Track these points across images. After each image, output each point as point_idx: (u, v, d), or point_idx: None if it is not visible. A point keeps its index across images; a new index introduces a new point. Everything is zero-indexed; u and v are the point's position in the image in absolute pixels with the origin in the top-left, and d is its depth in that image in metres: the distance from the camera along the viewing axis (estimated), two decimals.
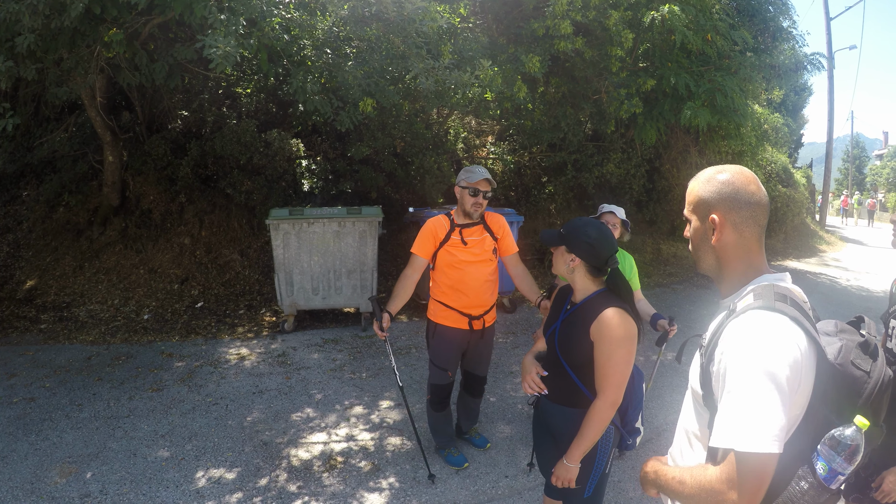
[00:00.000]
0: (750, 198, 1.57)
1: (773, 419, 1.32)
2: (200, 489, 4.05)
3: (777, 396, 1.33)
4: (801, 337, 1.40)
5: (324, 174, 9.00)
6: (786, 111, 20.06)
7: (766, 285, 1.53)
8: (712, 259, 1.66)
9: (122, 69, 6.47)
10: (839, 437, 1.35)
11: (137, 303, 7.82)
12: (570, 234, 2.53)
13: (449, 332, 4.11)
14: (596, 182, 11.10)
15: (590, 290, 2.54)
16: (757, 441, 1.31)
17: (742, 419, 1.35)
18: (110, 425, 4.87)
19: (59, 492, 3.98)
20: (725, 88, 8.39)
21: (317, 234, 7.02)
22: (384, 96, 6.25)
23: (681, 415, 1.79)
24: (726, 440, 1.37)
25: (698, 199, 1.66)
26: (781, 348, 1.36)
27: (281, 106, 9.49)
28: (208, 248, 8.71)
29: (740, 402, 1.36)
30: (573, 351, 2.48)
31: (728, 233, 1.59)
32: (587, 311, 2.47)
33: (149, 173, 8.94)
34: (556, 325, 2.61)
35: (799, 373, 1.36)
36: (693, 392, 1.67)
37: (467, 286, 4.02)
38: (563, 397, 2.58)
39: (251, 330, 7.32)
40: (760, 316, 1.43)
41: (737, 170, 1.63)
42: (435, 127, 10.14)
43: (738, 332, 1.44)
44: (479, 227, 4.04)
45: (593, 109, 9.79)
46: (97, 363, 6.20)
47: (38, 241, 8.81)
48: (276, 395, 5.53)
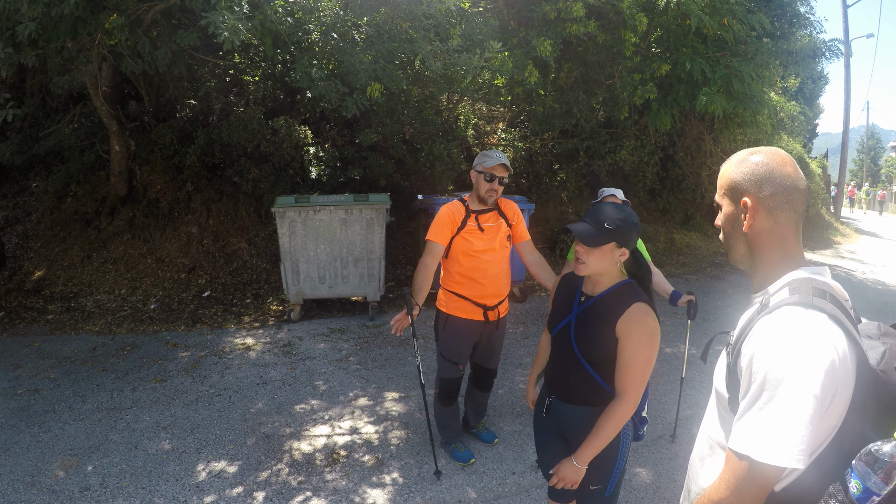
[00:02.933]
0: (786, 180, 1.42)
1: (801, 431, 1.19)
2: (200, 483, 3.96)
3: (810, 405, 1.20)
4: (841, 338, 1.26)
5: (332, 161, 8.87)
6: (803, 99, 19.63)
7: (803, 278, 1.38)
8: (744, 248, 1.51)
9: (125, 57, 6.35)
10: (877, 453, 1.20)
11: (144, 292, 7.76)
12: (622, 227, 2.24)
13: (462, 323, 3.94)
14: (609, 169, 10.90)
15: (614, 281, 2.37)
16: (779, 454, 1.20)
17: (767, 426, 1.23)
18: (112, 417, 4.80)
19: (59, 485, 3.91)
20: (742, 74, 8.14)
21: (323, 222, 6.91)
22: (392, 81, 6.09)
23: (704, 420, 1.65)
24: (745, 445, 1.25)
25: (730, 182, 1.51)
26: (818, 350, 1.22)
27: (289, 93, 9.36)
28: (216, 236, 8.63)
29: (768, 407, 1.24)
30: (594, 347, 2.31)
31: (762, 218, 1.44)
32: (611, 304, 2.30)
33: (156, 162, 8.87)
34: (569, 320, 2.42)
35: (836, 378, 1.22)
36: (718, 395, 1.54)
37: (483, 274, 3.85)
38: (582, 397, 2.41)
39: (257, 319, 7.23)
40: (796, 313, 1.30)
41: (771, 150, 1.48)
42: (445, 113, 9.97)
43: (770, 330, 1.30)
44: (494, 213, 3.90)
45: (606, 95, 9.58)
46: (102, 354, 6.13)
47: (47, 231, 8.77)
48: (281, 386, 5.43)
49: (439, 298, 4.05)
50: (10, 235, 8.82)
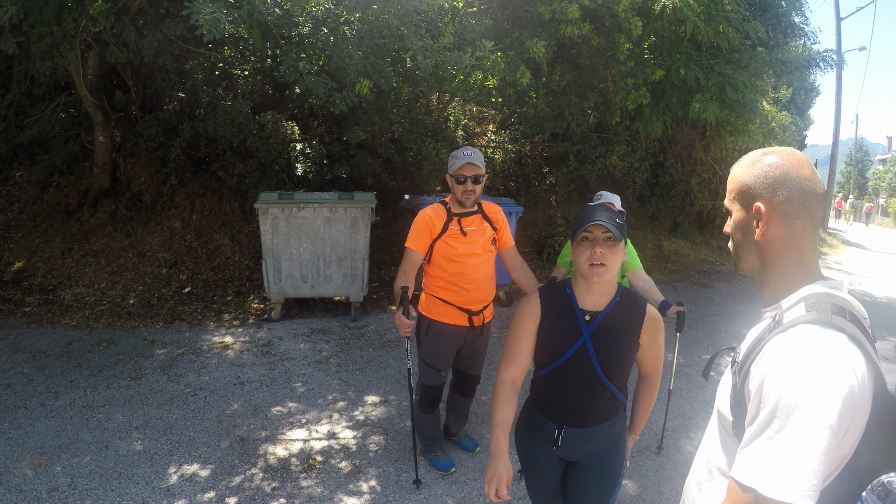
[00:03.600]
0: (802, 183, 1.28)
1: (814, 465, 1.06)
2: (171, 486, 3.84)
3: (825, 436, 1.07)
4: (861, 361, 1.14)
5: (319, 158, 8.74)
6: (795, 110, 19.69)
7: (821, 293, 1.25)
8: (755, 258, 1.37)
9: (110, 45, 6.20)
10: (889, 486, 1.10)
11: (124, 287, 7.61)
12: (623, 223, 2.16)
13: (446, 328, 3.81)
14: (598, 174, 10.86)
15: (614, 289, 2.26)
16: (789, 490, 1.06)
17: (777, 458, 1.09)
18: (84, 415, 4.66)
19: (27, 484, 3.77)
20: (736, 82, 8.10)
21: (307, 220, 6.78)
22: (382, 78, 5.97)
23: (703, 442, 1.53)
24: (751, 477, 1.12)
25: (741, 186, 1.36)
26: (836, 375, 1.09)
27: (277, 88, 9.23)
28: (199, 232, 8.48)
29: (778, 436, 1.10)
30: (621, 366, 2.23)
31: (776, 226, 1.30)
32: (624, 316, 2.22)
33: (140, 154, 8.71)
34: (582, 341, 2.19)
35: (854, 406, 1.10)
36: (720, 417, 1.40)
37: (468, 280, 3.71)
38: (601, 416, 2.30)
39: (237, 317, 7.10)
40: (814, 332, 1.17)
41: (787, 150, 1.34)
42: (435, 113, 9.89)
43: (784, 351, 1.17)
44: (478, 217, 3.74)
45: (598, 99, 9.53)
46: (78, 349, 5.98)
47: (29, 222, 8.59)
48: (258, 387, 5.30)
49: (422, 303, 3.92)
50: None
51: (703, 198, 12.95)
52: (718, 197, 13.38)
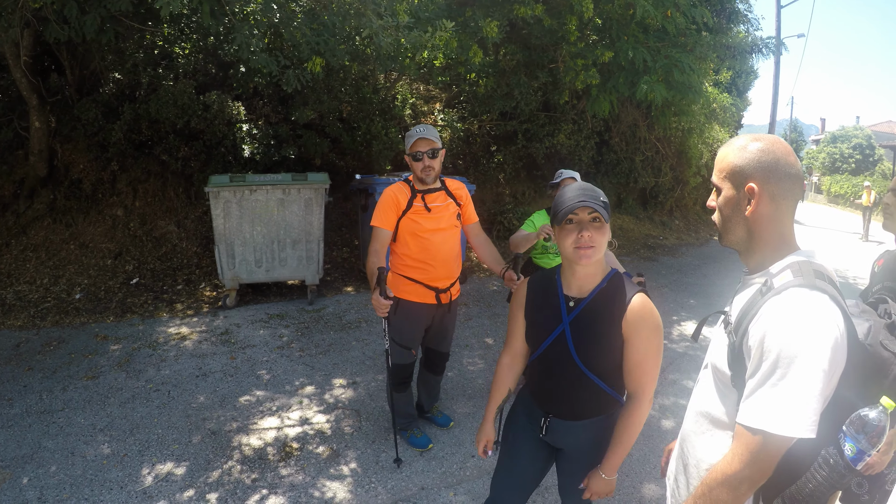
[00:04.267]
0: (789, 169, 1.46)
1: (813, 403, 1.29)
2: (147, 489, 3.71)
3: (820, 380, 1.29)
4: (840, 317, 1.35)
5: (266, 139, 8.44)
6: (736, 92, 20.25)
7: (803, 261, 1.45)
8: (743, 231, 1.55)
9: (50, 22, 5.74)
10: (865, 418, 1.32)
11: (68, 281, 7.22)
12: (607, 202, 2.04)
13: (414, 307, 3.81)
14: (546, 152, 10.96)
15: (602, 273, 2.12)
16: (795, 426, 1.29)
17: (782, 401, 1.31)
18: (44, 421, 4.42)
19: None
20: (682, 65, 8.27)
21: (260, 203, 6.57)
22: (334, 56, 5.78)
23: (695, 397, 1.72)
24: (759, 420, 1.34)
25: (733, 167, 1.52)
26: (825, 329, 1.31)
27: (221, 67, 8.80)
28: (143, 219, 8.11)
29: (782, 383, 1.32)
30: (600, 357, 2.06)
31: (765, 204, 1.48)
32: (607, 302, 2.06)
33: (78, 140, 8.17)
34: (561, 329, 2.11)
35: (838, 354, 1.32)
36: (716, 372, 1.59)
37: (433, 257, 3.71)
38: (588, 410, 2.18)
39: (191, 307, 6.87)
40: (802, 294, 1.37)
41: (773, 139, 1.51)
42: (382, 92, 9.68)
43: (780, 311, 1.37)
44: (442, 193, 3.75)
45: (548, 79, 9.62)
46: (27, 350, 5.66)
47: None
48: (222, 378, 5.17)
49: (389, 282, 3.88)
50: None
51: (646, 175, 13.26)
52: (661, 174, 13.72)
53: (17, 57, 6.95)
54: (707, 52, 9.53)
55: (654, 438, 4.42)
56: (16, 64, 6.99)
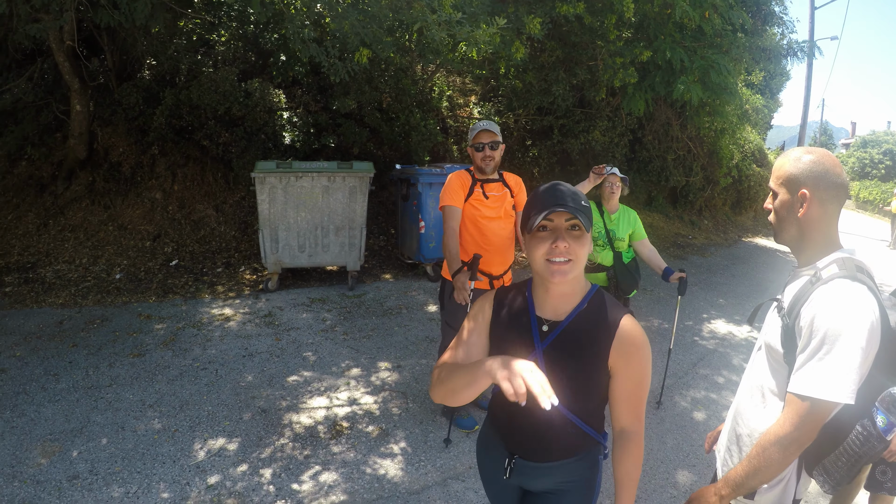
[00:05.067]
0: (836, 178, 1.65)
1: (853, 375, 1.49)
2: (200, 463, 3.62)
3: (859, 355, 1.49)
4: (876, 305, 1.56)
5: (305, 127, 8.37)
6: (769, 93, 19.96)
7: (847, 258, 1.66)
8: (795, 230, 1.74)
9: (101, 6, 5.68)
10: (894, 395, 1.57)
11: (107, 261, 7.17)
12: (588, 206, 1.67)
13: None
14: (581, 148, 10.87)
15: (583, 291, 1.74)
16: (838, 392, 1.49)
17: (827, 372, 1.51)
18: (91, 396, 4.34)
19: (43, 474, 3.46)
20: (719, 66, 8.21)
21: (305, 189, 6.51)
22: (381, 47, 5.72)
23: (749, 374, 1.92)
24: (808, 388, 1.53)
25: (789, 175, 1.72)
26: (864, 313, 1.52)
27: (261, 55, 8.75)
28: (181, 203, 8.05)
29: (828, 357, 1.51)
30: (582, 392, 1.69)
31: (815, 207, 1.67)
32: (591, 327, 1.68)
33: (118, 124, 8.14)
34: (533, 359, 1.67)
35: (875, 335, 1.52)
36: (770, 350, 1.78)
37: (490, 242, 3.81)
38: (561, 452, 1.79)
39: (231, 289, 6.79)
40: (847, 285, 1.58)
41: (823, 152, 1.71)
42: (420, 84, 9.59)
43: (828, 297, 1.57)
44: (499, 184, 3.90)
45: (586, 76, 9.56)
46: (70, 328, 5.59)
47: None
48: (268, 358, 5.08)
49: (445, 267, 3.90)
50: None
51: (677, 174, 13.06)
52: (692, 173, 13.51)
53: (61, 41, 6.91)
54: (742, 53, 9.45)
55: (687, 429, 4.42)
56: (59, 48, 6.94)
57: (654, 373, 5.10)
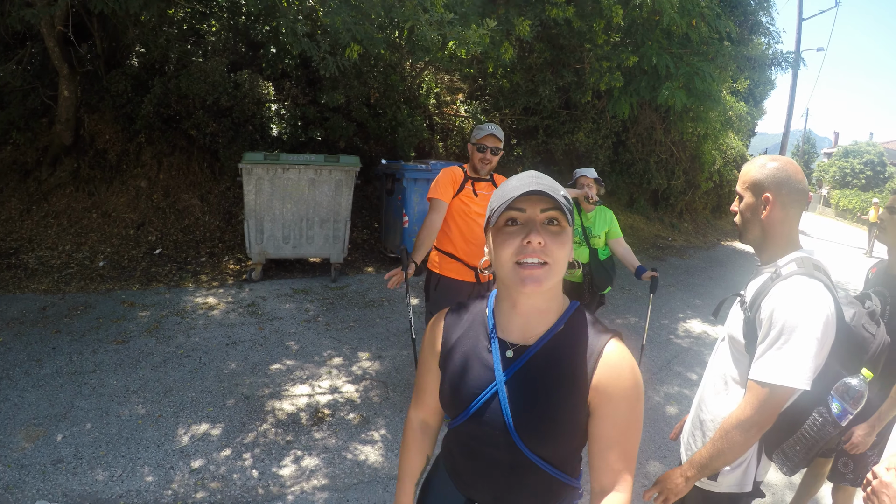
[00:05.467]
0: (797, 184, 1.79)
1: (809, 363, 1.60)
2: (184, 447, 3.66)
3: (815, 346, 1.61)
4: (831, 301, 1.67)
5: (293, 120, 8.38)
6: (752, 101, 20.17)
7: (805, 257, 1.79)
8: (758, 231, 1.86)
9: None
10: (848, 385, 1.63)
11: (91, 248, 7.14)
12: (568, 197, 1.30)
13: (454, 284, 3.90)
14: (565, 149, 11.00)
15: (560, 308, 1.37)
16: (794, 378, 1.60)
17: (785, 360, 1.62)
18: (75, 382, 4.35)
19: (27, 458, 3.48)
20: (704, 73, 8.38)
21: (291, 181, 6.54)
22: (371, 44, 5.77)
23: (712, 364, 2.03)
24: (767, 375, 1.64)
25: (754, 180, 1.84)
26: (820, 309, 1.63)
27: (251, 47, 8.73)
28: (166, 192, 8.03)
29: (785, 346, 1.63)
30: (554, 435, 1.30)
31: (777, 210, 1.80)
32: (568, 354, 1.31)
33: (105, 111, 8.09)
34: (493, 390, 1.34)
35: (830, 328, 1.64)
36: (733, 341, 1.88)
37: (477, 237, 3.88)
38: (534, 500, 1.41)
39: (215, 278, 6.80)
40: (804, 281, 1.69)
41: (786, 160, 1.85)
42: (408, 80, 9.64)
43: (786, 292, 1.68)
44: (489, 184, 3.96)
45: (573, 78, 9.69)
46: (53, 314, 5.58)
47: None
48: (252, 347, 5.12)
49: (432, 260, 4.01)
50: None
51: (659, 177, 13.21)
52: (674, 177, 13.68)
53: (52, 26, 6.86)
54: (728, 62, 9.71)
55: (660, 422, 4.50)
56: (49, 33, 6.89)
57: None
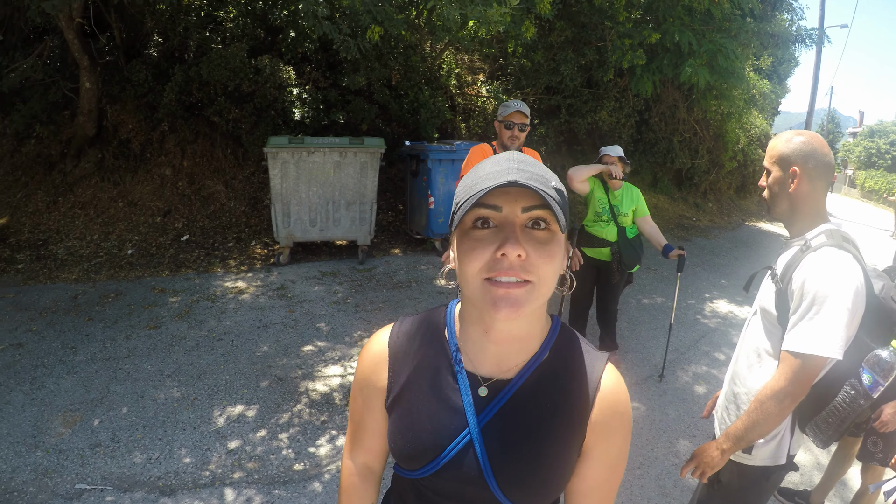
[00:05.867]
0: (823, 157, 1.79)
1: (840, 332, 1.61)
2: (220, 429, 3.63)
3: (845, 315, 1.61)
4: (860, 272, 1.68)
5: (315, 104, 8.28)
6: (777, 79, 19.66)
7: (833, 229, 1.79)
8: (787, 204, 1.86)
9: None
10: (879, 357, 1.67)
11: (119, 237, 7.13)
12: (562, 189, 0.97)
13: None
14: (588, 128, 10.76)
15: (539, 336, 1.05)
16: (826, 348, 1.61)
17: (817, 330, 1.63)
18: (110, 367, 4.33)
19: (65, 443, 3.46)
20: (727, 50, 8.19)
21: (317, 164, 6.46)
22: (392, 24, 5.68)
23: (744, 338, 2.01)
24: (800, 345, 1.65)
25: (781, 154, 1.84)
26: (851, 279, 1.64)
27: (270, 31, 8.63)
28: (191, 179, 7.98)
29: (817, 317, 1.63)
30: (546, 487, 1.02)
31: (804, 183, 1.80)
32: (558, 386, 1.03)
33: (127, 101, 8.04)
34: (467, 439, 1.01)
35: (859, 299, 1.64)
36: (765, 314, 1.88)
37: None
38: None
39: (243, 263, 6.75)
40: (834, 252, 1.70)
41: (812, 134, 1.84)
42: (429, 61, 9.50)
43: (817, 263, 1.69)
44: None
45: (595, 56, 9.50)
46: (85, 302, 5.56)
47: (7, 176, 7.89)
48: (282, 329, 5.07)
49: None
50: None
51: (683, 156, 12.86)
52: (697, 156, 13.35)
53: (70, 19, 6.81)
54: (751, 38, 9.46)
55: (688, 401, 4.45)
56: (68, 25, 6.84)
57: (656, 347, 5.32)
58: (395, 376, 1.09)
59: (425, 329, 1.12)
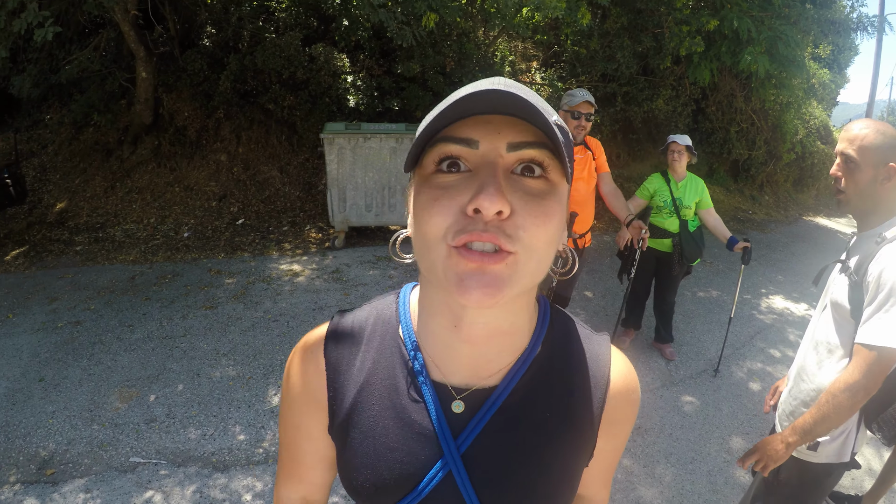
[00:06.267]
0: None
1: None
2: (275, 408, 3.51)
3: None
4: None
5: (369, 91, 8.19)
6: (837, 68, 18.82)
7: None
8: (870, 200, 1.73)
9: None
10: None
11: (175, 221, 7.12)
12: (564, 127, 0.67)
13: None
14: (644, 116, 10.35)
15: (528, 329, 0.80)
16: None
17: (893, 322, 1.53)
18: (166, 346, 4.26)
19: (121, 418, 3.39)
20: (787, 38, 7.84)
21: (373, 150, 6.34)
22: (447, 12, 5.54)
23: (811, 334, 1.93)
24: (875, 338, 1.57)
25: (875, 147, 1.70)
26: None
27: (322, 20, 8.58)
28: (246, 164, 7.95)
29: (893, 309, 1.54)
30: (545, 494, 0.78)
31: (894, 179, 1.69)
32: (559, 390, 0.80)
33: (183, 89, 8.08)
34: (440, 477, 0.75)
35: None
36: (836, 307, 1.78)
37: (574, 201, 3.79)
38: None
39: (298, 246, 6.66)
40: None
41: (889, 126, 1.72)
42: (482, 48, 9.30)
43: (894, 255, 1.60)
44: (582, 148, 3.98)
45: (651, 43, 9.16)
46: (142, 282, 5.53)
47: (66, 163, 8.00)
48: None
49: None
50: (26, 169, 8.00)
51: (739, 147, 12.27)
52: (755, 147, 12.76)
53: (126, 12, 6.87)
54: (810, 25, 9.09)
55: (743, 398, 4.28)
56: (124, 18, 6.89)
57: (710, 341, 5.09)
58: (338, 394, 0.82)
59: (371, 327, 0.85)
